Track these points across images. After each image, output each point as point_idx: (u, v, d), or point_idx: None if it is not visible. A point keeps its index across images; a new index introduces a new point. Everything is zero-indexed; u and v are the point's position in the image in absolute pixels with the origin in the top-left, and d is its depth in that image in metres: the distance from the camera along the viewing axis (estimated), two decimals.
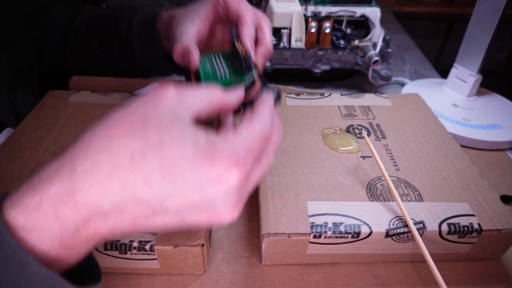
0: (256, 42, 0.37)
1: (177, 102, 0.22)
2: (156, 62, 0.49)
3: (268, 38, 0.37)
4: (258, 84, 0.33)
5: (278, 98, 0.32)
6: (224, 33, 0.42)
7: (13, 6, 0.48)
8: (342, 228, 0.31)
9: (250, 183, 0.23)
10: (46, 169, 0.20)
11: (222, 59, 0.37)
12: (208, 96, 0.24)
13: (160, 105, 0.22)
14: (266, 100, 0.26)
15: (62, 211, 0.19)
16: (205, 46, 0.41)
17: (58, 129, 0.41)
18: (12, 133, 0.40)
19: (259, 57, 0.36)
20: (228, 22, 0.40)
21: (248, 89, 0.32)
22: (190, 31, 0.37)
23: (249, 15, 0.36)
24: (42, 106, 0.45)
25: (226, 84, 0.32)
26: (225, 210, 0.21)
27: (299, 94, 0.49)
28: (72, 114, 0.44)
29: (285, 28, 0.63)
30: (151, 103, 0.22)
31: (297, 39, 0.63)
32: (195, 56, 0.34)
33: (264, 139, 0.24)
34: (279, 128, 0.26)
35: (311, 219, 0.32)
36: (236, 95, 0.27)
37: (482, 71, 0.57)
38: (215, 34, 0.42)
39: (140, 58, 0.50)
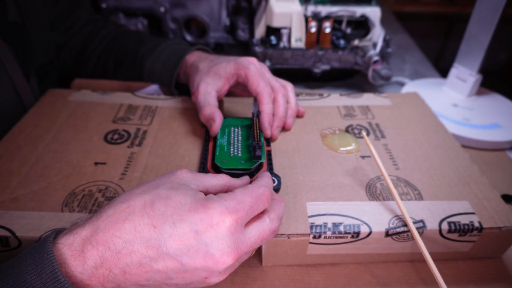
0: (273, 114, 0.41)
1: (189, 177, 0.28)
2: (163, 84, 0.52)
3: (281, 110, 0.41)
4: (265, 167, 0.37)
5: (278, 184, 0.35)
6: (244, 90, 0.46)
7: (39, 7, 0.50)
8: (341, 228, 0.31)
9: (247, 236, 0.26)
10: (85, 219, 0.25)
11: (240, 131, 0.41)
12: (215, 180, 0.29)
13: (174, 177, 0.28)
14: (266, 175, 0.31)
15: (86, 248, 0.23)
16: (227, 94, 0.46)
17: (58, 127, 0.41)
18: (12, 130, 0.40)
19: (274, 130, 0.41)
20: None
21: (254, 170, 0.36)
22: (212, 92, 0.41)
23: (267, 92, 0.40)
24: (42, 104, 0.45)
25: (236, 160, 0.37)
26: (218, 252, 0.24)
27: (298, 95, 0.49)
28: (72, 113, 0.44)
29: (285, 28, 0.63)
30: (167, 175, 0.28)
31: (297, 39, 0.63)
32: (217, 125, 0.39)
33: (257, 197, 0.27)
34: (280, 199, 0.30)
35: (311, 220, 0.32)
36: (241, 182, 0.31)
37: (483, 70, 0.57)
38: (236, 89, 0.47)
39: (150, 80, 0.53)
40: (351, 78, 0.72)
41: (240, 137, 0.40)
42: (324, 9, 0.65)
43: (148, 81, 0.53)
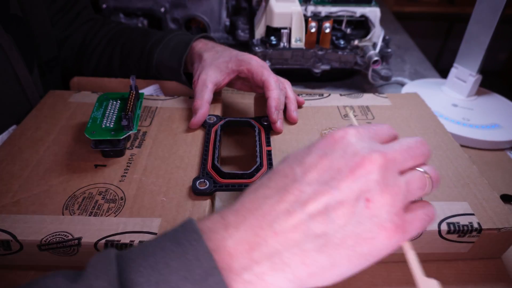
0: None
1: None
2: (172, 78, 0.52)
3: (292, 95, 0.45)
4: (265, 167, 0.37)
5: None
6: (243, 84, 0.48)
7: (39, 2, 0.50)
8: None
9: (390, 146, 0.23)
10: None
11: (118, 105, 0.41)
12: None
13: None
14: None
15: (225, 215, 0.22)
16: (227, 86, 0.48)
17: (59, 129, 0.42)
18: (13, 133, 0.40)
19: (293, 113, 0.44)
20: (252, 89, 0.47)
21: (254, 171, 0.36)
22: (210, 85, 0.44)
23: (272, 79, 0.43)
24: (43, 106, 0.45)
25: (107, 131, 0.38)
26: (363, 152, 0.21)
27: (298, 95, 0.49)
28: (72, 114, 0.44)
29: (285, 28, 0.63)
30: None
31: (297, 39, 0.63)
32: (197, 119, 0.42)
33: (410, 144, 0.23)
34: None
35: None
36: None
37: (482, 71, 0.57)
38: (235, 82, 0.48)
39: (158, 73, 0.53)
40: (351, 78, 0.72)
41: (116, 110, 0.40)
42: (324, 9, 0.65)
43: (155, 74, 0.53)
